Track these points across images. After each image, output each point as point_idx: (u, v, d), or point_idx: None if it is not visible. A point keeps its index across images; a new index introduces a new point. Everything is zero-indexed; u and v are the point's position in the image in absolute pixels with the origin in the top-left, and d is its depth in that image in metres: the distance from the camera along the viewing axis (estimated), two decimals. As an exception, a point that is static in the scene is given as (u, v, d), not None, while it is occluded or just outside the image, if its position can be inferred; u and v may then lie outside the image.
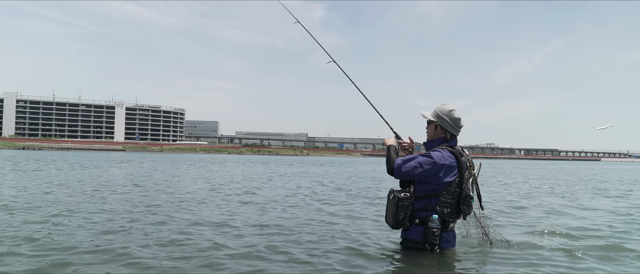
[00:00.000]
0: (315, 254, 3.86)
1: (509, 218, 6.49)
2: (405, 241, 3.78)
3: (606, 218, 6.71)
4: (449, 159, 3.55)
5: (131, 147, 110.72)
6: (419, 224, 3.61)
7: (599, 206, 8.44)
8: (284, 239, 4.53)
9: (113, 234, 4.56)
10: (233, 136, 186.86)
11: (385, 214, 3.83)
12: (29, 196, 7.62)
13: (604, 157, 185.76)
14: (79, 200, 7.28)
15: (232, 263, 3.55)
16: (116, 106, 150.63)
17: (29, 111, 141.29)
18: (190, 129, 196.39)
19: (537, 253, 4.10)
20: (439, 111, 3.76)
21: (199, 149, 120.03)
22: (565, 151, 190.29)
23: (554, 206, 8.27)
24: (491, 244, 4.19)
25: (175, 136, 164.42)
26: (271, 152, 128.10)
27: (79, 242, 4.12)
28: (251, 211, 6.66)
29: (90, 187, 9.80)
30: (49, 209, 6.16)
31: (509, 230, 5.27)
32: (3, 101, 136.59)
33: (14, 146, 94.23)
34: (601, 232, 5.36)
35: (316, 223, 5.59)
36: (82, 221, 5.25)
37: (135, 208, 6.59)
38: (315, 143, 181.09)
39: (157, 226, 5.11)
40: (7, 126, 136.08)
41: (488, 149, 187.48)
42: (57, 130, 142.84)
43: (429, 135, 3.87)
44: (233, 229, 5.01)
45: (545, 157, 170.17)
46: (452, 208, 3.56)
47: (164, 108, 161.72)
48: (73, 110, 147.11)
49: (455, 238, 3.81)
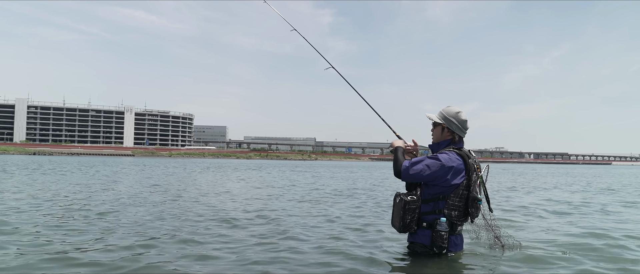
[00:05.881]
0: (321, 259, 3.83)
1: (523, 220, 6.40)
2: (412, 245, 3.72)
3: (626, 225, 6.59)
4: (457, 162, 3.50)
5: (140, 153, 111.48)
6: (426, 228, 3.56)
7: (618, 210, 8.31)
8: (288, 243, 4.50)
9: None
10: (241, 140, 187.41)
11: (391, 217, 3.78)
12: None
13: (615, 161, 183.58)
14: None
15: (235, 261, 3.53)
16: (125, 111, 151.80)
17: (40, 116, 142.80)
18: (199, 134, 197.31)
19: (553, 256, 4.02)
20: (446, 113, 3.71)
21: (208, 154, 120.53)
22: (576, 155, 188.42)
23: (572, 208, 8.16)
24: (503, 247, 4.12)
25: (184, 141, 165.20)
26: (279, 156, 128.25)
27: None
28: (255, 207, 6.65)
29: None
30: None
31: (523, 233, 5.18)
32: (14, 107, 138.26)
33: (25, 151, 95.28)
34: (617, 237, 5.26)
35: (321, 226, 5.56)
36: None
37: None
38: (323, 148, 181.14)
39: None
40: (18, 131, 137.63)
41: (497, 153, 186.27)
42: (67, 135, 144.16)
43: (435, 137, 3.82)
44: (240, 223, 5.00)
45: (555, 161, 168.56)
46: (460, 210, 3.50)
47: (173, 113, 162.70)
48: (83, 115, 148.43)
49: (463, 242, 3.75)
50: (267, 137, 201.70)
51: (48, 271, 3.32)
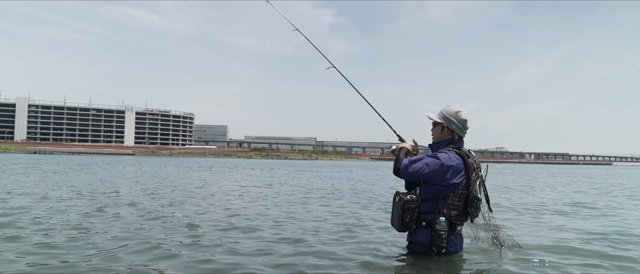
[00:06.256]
0: (319, 258, 3.84)
1: (522, 220, 6.41)
2: (411, 244, 3.72)
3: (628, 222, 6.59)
4: (456, 161, 3.51)
5: (141, 152, 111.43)
6: (425, 227, 3.56)
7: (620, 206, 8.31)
8: (287, 241, 4.51)
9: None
10: (242, 140, 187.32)
11: (391, 216, 3.79)
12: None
13: (616, 162, 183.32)
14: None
15: (240, 257, 3.55)
16: (126, 110, 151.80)
17: (41, 115, 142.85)
18: (199, 133, 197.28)
19: (551, 256, 4.03)
20: (446, 113, 3.71)
21: (208, 153, 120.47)
22: (576, 155, 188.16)
23: (571, 207, 8.16)
24: (502, 247, 4.13)
25: (185, 140, 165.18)
26: (280, 156, 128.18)
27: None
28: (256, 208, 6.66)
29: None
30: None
31: (522, 233, 5.19)
32: (15, 105, 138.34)
33: (25, 150, 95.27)
34: (620, 235, 5.26)
35: (321, 224, 5.57)
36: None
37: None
38: (324, 147, 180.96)
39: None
40: (19, 130, 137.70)
41: (498, 153, 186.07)
42: (68, 134, 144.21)
43: (435, 137, 3.82)
44: (246, 221, 5.01)
45: (555, 161, 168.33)
46: (459, 210, 3.51)
47: (174, 113, 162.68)
48: (84, 114, 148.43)
49: (462, 241, 3.75)
50: (267, 137, 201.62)
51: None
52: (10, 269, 3.28)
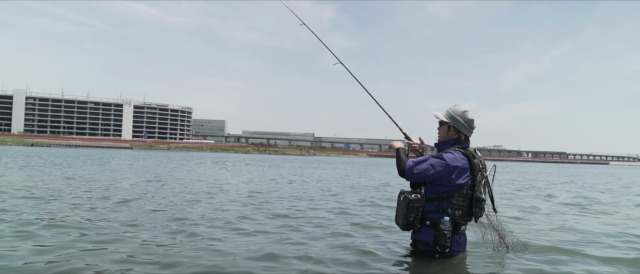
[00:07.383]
0: (323, 256, 3.82)
1: (529, 220, 6.40)
2: (415, 243, 3.72)
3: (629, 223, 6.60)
4: (462, 161, 3.49)
5: (138, 146, 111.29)
6: (429, 226, 3.55)
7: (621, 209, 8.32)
8: (290, 239, 4.49)
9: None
10: (240, 135, 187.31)
11: (395, 215, 3.77)
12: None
13: (613, 161, 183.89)
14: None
15: (240, 260, 3.53)
16: (124, 104, 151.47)
17: (38, 108, 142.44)
18: (197, 127, 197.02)
19: (555, 256, 4.02)
20: (452, 112, 3.68)
21: (206, 148, 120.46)
22: (574, 154, 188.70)
23: (576, 208, 8.16)
24: (507, 247, 4.11)
25: (183, 134, 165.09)
26: (278, 151, 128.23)
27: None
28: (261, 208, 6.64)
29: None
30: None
31: (526, 233, 5.18)
32: (12, 97, 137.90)
33: (22, 142, 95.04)
34: (618, 237, 5.26)
35: (324, 221, 5.56)
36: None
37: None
38: (321, 143, 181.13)
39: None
40: (16, 122, 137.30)
41: (495, 151, 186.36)
42: (66, 127, 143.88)
43: (441, 136, 3.79)
44: (248, 222, 5.00)
45: (553, 160, 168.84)
46: (463, 210, 3.49)
47: (172, 107, 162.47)
48: (81, 107, 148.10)
49: (466, 241, 3.74)
50: (265, 132, 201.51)
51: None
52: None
